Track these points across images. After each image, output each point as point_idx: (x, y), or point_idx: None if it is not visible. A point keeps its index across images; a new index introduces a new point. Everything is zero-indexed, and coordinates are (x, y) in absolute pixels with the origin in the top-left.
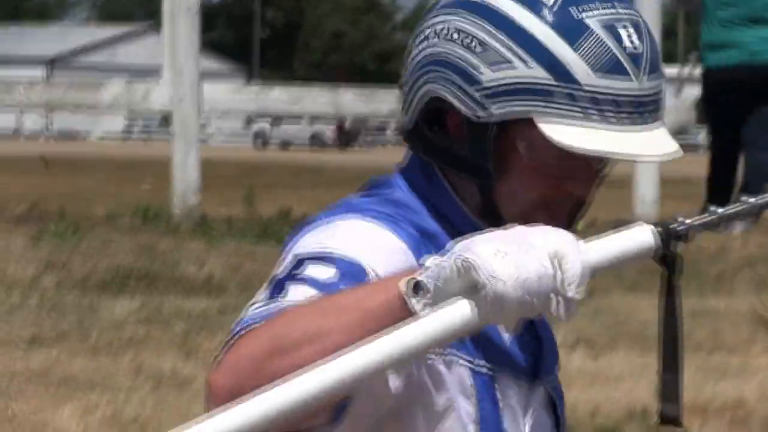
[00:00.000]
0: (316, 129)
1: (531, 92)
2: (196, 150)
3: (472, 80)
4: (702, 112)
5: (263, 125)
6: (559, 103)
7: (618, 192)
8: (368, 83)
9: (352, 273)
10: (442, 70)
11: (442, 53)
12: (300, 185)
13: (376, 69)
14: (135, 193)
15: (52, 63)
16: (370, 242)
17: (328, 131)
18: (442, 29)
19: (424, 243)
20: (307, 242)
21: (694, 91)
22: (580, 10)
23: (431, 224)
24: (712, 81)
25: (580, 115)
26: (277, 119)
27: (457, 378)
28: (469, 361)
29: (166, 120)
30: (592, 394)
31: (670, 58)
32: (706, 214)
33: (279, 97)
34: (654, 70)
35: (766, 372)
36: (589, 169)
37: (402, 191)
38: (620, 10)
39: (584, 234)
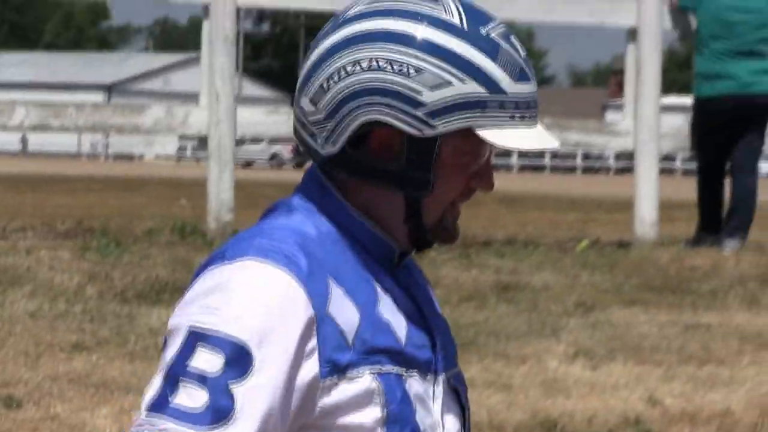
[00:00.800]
0: (275, 149)
1: (469, 106)
2: (230, 170)
3: (415, 102)
4: (691, 139)
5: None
6: (493, 112)
7: (620, 215)
8: None
9: (238, 360)
10: (377, 99)
11: (374, 82)
12: None
13: None
14: (176, 210)
15: (110, 89)
16: (265, 319)
17: (285, 151)
18: (366, 62)
19: (317, 268)
20: (203, 306)
21: None
22: (484, 27)
23: (329, 246)
24: (703, 109)
25: (509, 119)
26: (240, 141)
27: (360, 388)
28: (374, 368)
29: (202, 142)
30: (589, 402)
31: (686, 88)
32: None
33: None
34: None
35: (752, 383)
36: (488, 161)
37: (304, 217)
38: (501, 23)
39: (588, 251)
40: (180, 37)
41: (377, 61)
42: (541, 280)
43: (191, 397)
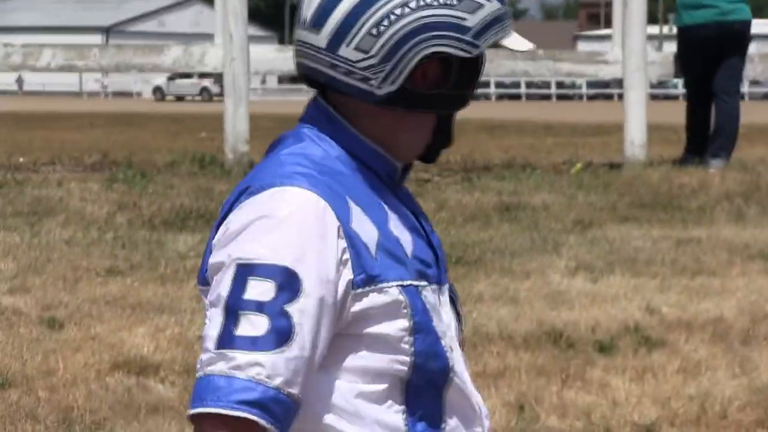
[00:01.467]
0: (204, 84)
1: (496, 21)
2: (245, 105)
3: (463, 28)
4: (678, 66)
5: (161, 81)
6: (506, 22)
7: (609, 137)
8: None
9: (287, 283)
10: (433, 33)
11: (427, 19)
12: None
13: None
14: (192, 143)
15: (108, 31)
16: (302, 239)
17: (212, 86)
18: (413, 2)
19: (336, 188)
20: (244, 240)
21: (672, 47)
22: None
23: (342, 168)
24: (686, 37)
25: (509, 27)
26: (171, 77)
27: (389, 299)
28: (398, 281)
29: (218, 78)
30: (591, 312)
31: (651, 18)
32: None
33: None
34: None
35: (742, 292)
36: None
37: (314, 143)
38: None
39: (583, 173)
40: None
41: (422, 0)
42: (541, 201)
43: (254, 325)
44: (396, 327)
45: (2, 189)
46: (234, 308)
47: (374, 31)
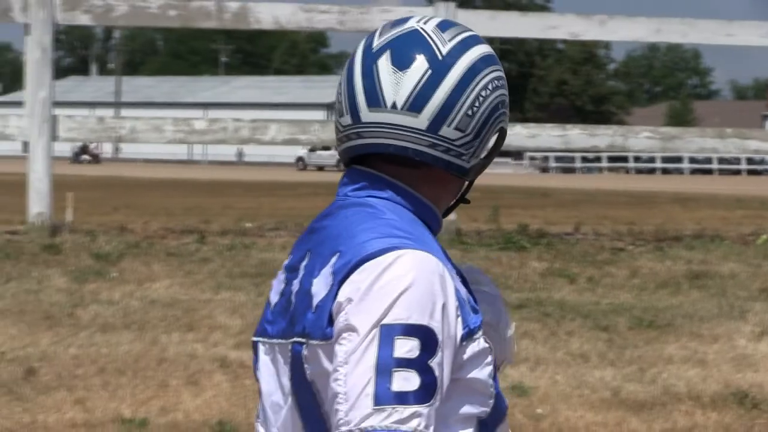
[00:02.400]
0: None
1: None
2: None
3: (507, 105)
4: None
5: (302, 152)
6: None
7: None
8: (589, 123)
9: (428, 340)
10: (503, 110)
11: (499, 98)
12: (531, 205)
13: (592, 110)
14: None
15: (330, 107)
16: (433, 298)
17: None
18: (491, 84)
19: (434, 249)
20: (382, 302)
21: None
22: None
23: (420, 229)
24: None
25: None
26: (313, 148)
27: (480, 347)
28: (482, 330)
29: None
30: None
31: None
32: None
33: (519, 131)
34: None
35: None
36: None
37: (390, 210)
38: None
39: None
40: None
41: (496, 82)
42: (728, 269)
43: (407, 381)
44: (485, 372)
45: (231, 252)
46: (386, 366)
47: (470, 112)
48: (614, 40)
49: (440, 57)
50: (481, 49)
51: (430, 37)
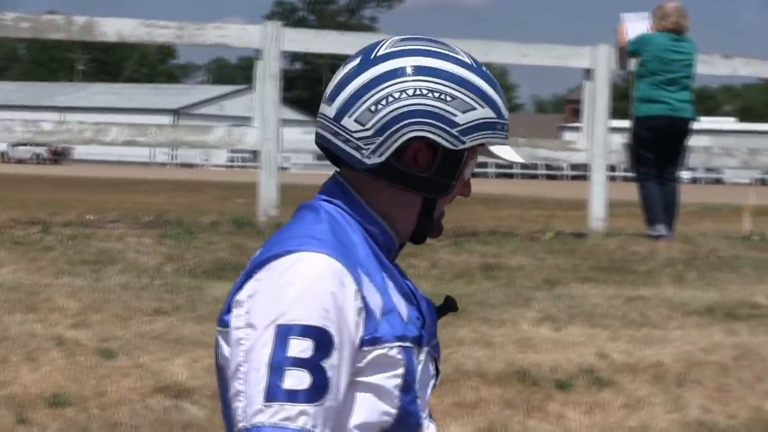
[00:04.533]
0: (37, 150)
1: (486, 126)
2: (277, 177)
3: (451, 123)
4: (629, 153)
5: (5, 147)
6: (498, 132)
7: (575, 212)
8: None
9: (323, 342)
10: (422, 119)
11: (419, 106)
12: None
13: None
14: (232, 207)
15: (177, 113)
16: (329, 300)
17: (45, 152)
18: (411, 90)
19: (351, 258)
20: (283, 303)
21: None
22: (483, 67)
23: (353, 238)
24: (641, 125)
25: (504, 138)
26: (16, 144)
27: (388, 358)
28: (399, 342)
29: (254, 154)
30: (553, 356)
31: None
32: None
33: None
34: None
35: (679, 342)
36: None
37: (331, 216)
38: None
39: (553, 240)
40: (231, 72)
41: (420, 90)
42: (516, 262)
43: (298, 380)
44: (392, 383)
45: (72, 241)
46: (278, 365)
47: (372, 108)
48: None
49: (373, 56)
50: (419, 61)
51: (384, 42)
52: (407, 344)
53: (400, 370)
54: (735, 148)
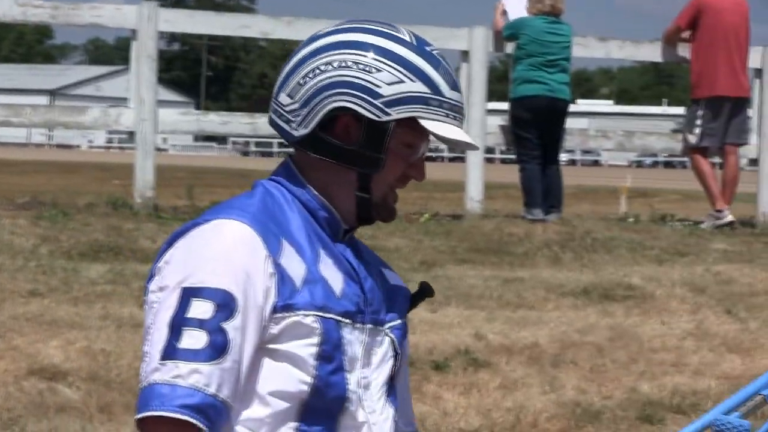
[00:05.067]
0: None
1: (416, 100)
2: (152, 158)
3: (375, 94)
4: (509, 137)
5: None
6: (433, 108)
7: (453, 193)
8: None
9: (225, 304)
10: (345, 90)
11: (342, 77)
12: (230, 185)
13: None
14: (109, 188)
15: (53, 93)
16: (237, 265)
17: None
18: (336, 63)
19: (273, 227)
20: (191, 266)
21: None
22: (426, 46)
23: (287, 212)
24: (520, 105)
25: (444, 116)
26: None
27: (304, 325)
28: (317, 312)
29: (131, 135)
30: (430, 337)
31: (503, 97)
32: None
33: (213, 119)
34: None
35: (555, 323)
36: (422, 157)
37: (267, 191)
38: (436, 49)
39: (430, 222)
40: (109, 53)
41: (345, 62)
42: (394, 244)
43: (195, 339)
44: (307, 351)
45: None
46: (178, 325)
47: (301, 81)
48: (299, 38)
49: (315, 35)
50: (350, 36)
51: (328, 26)
52: (329, 315)
53: (316, 339)
54: (611, 130)
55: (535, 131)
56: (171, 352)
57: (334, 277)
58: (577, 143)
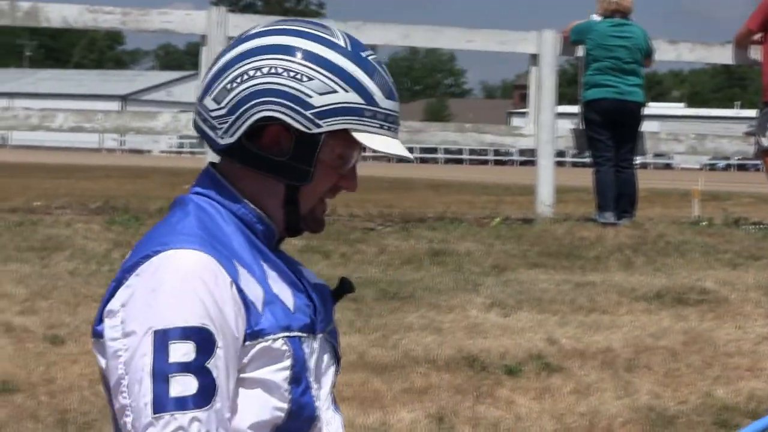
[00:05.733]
0: None
1: (349, 112)
2: None
3: (306, 104)
4: (577, 139)
5: None
6: (367, 119)
7: (523, 198)
8: None
9: (205, 342)
10: (274, 99)
11: (272, 85)
12: None
13: None
14: (180, 192)
15: (125, 99)
16: (204, 297)
17: None
18: (266, 69)
19: (223, 250)
20: (155, 306)
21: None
22: (362, 51)
23: (225, 229)
24: (590, 108)
25: (378, 128)
26: None
27: (274, 350)
28: (284, 333)
29: (200, 140)
30: (502, 342)
31: (574, 100)
32: None
33: None
34: None
35: (628, 327)
36: (354, 167)
37: (199, 208)
38: (375, 54)
39: (501, 226)
40: (180, 58)
41: (275, 69)
42: (465, 248)
43: (184, 386)
44: (280, 376)
45: (19, 227)
46: (161, 372)
47: (228, 86)
48: (368, 43)
49: (243, 36)
50: (281, 40)
51: (261, 24)
52: (294, 334)
53: (288, 362)
54: (682, 134)
55: (607, 133)
56: (163, 404)
57: (283, 291)
58: (649, 147)
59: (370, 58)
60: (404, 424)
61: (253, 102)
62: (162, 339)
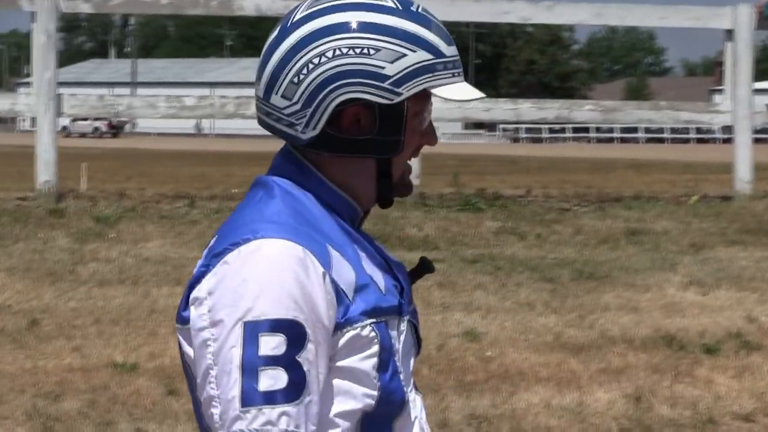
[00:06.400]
0: (96, 124)
1: (423, 71)
2: None
3: (381, 76)
4: None
5: (67, 123)
6: (440, 73)
7: (722, 175)
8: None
9: (295, 335)
10: (348, 80)
11: (342, 67)
12: (500, 171)
13: (558, 87)
14: None
15: None
16: (295, 288)
17: (103, 126)
18: (330, 52)
19: (316, 237)
20: (246, 297)
21: None
22: (413, 6)
23: (316, 213)
24: None
25: (450, 77)
26: (75, 119)
27: (362, 337)
28: (372, 319)
29: None
30: (700, 320)
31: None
32: None
33: (475, 106)
34: None
35: None
36: (431, 121)
37: (287, 192)
38: (418, 5)
39: (698, 204)
40: None
41: (339, 49)
42: (661, 227)
43: (274, 380)
44: (368, 364)
45: (218, 214)
46: (252, 365)
47: (295, 80)
48: (559, 23)
49: (288, 24)
50: (333, 18)
51: (298, 7)
52: (382, 318)
53: (375, 348)
54: None
55: None
56: (252, 397)
57: (375, 273)
58: None
59: (419, 10)
60: (601, 404)
61: (328, 89)
62: (252, 331)
